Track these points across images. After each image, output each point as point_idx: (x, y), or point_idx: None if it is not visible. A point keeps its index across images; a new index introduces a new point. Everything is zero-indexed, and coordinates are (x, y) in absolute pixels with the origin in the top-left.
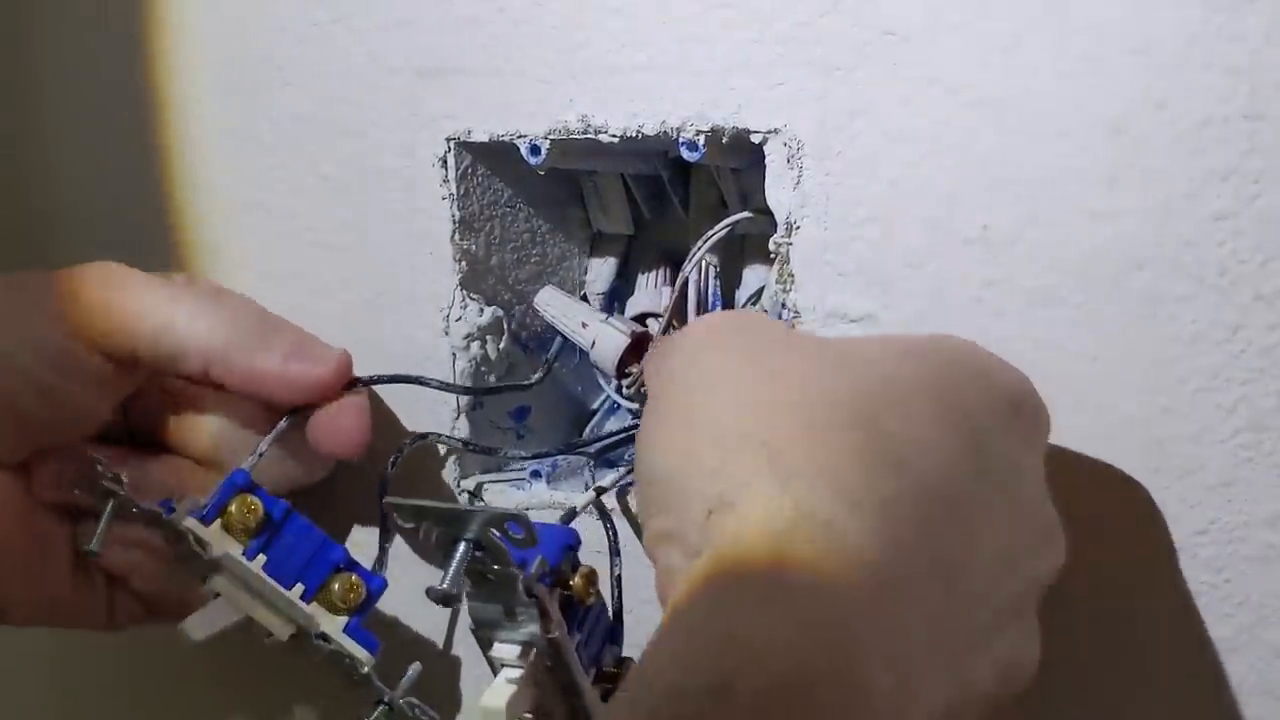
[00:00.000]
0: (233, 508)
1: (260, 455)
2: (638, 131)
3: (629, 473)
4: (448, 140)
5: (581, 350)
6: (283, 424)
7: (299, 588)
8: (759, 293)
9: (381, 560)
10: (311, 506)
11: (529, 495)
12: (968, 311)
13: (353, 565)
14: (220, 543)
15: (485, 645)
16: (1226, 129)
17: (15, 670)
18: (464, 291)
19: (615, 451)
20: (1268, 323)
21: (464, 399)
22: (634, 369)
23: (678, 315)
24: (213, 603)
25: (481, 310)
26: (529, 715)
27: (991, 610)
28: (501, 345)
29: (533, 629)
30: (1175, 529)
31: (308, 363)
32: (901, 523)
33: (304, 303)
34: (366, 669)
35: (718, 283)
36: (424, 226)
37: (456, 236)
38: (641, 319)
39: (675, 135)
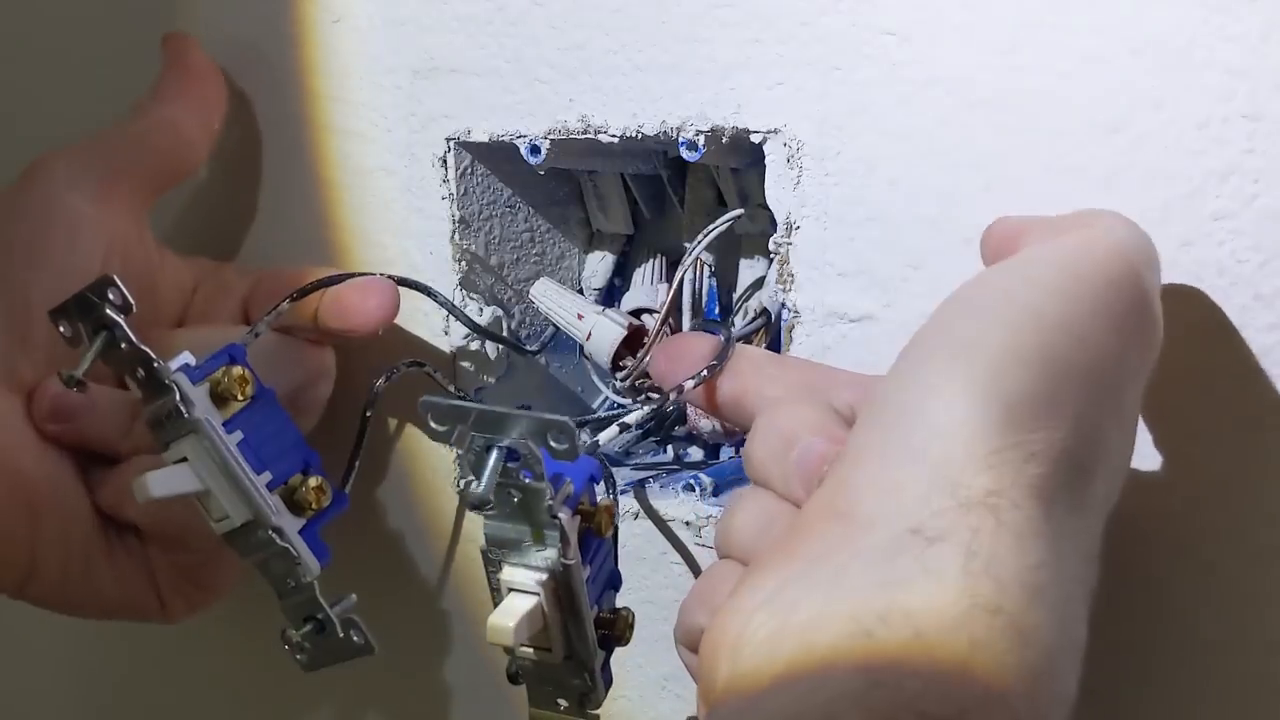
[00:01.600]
0: (223, 376)
1: (256, 334)
2: (637, 131)
3: (655, 411)
4: (447, 140)
5: (579, 347)
6: (284, 304)
7: (266, 475)
8: (757, 284)
9: (346, 480)
10: None
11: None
12: None
13: (322, 472)
14: (203, 406)
15: (495, 567)
16: (1226, 129)
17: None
18: (464, 291)
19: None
20: (1267, 322)
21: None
22: (628, 361)
23: (673, 311)
24: (175, 466)
25: (481, 309)
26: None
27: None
28: (501, 344)
29: (549, 554)
30: (1176, 528)
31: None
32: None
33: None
34: (310, 577)
35: (713, 280)
36: (423, 226)
37: (456, 236)
38: (637, 314)
39: (675, 135)
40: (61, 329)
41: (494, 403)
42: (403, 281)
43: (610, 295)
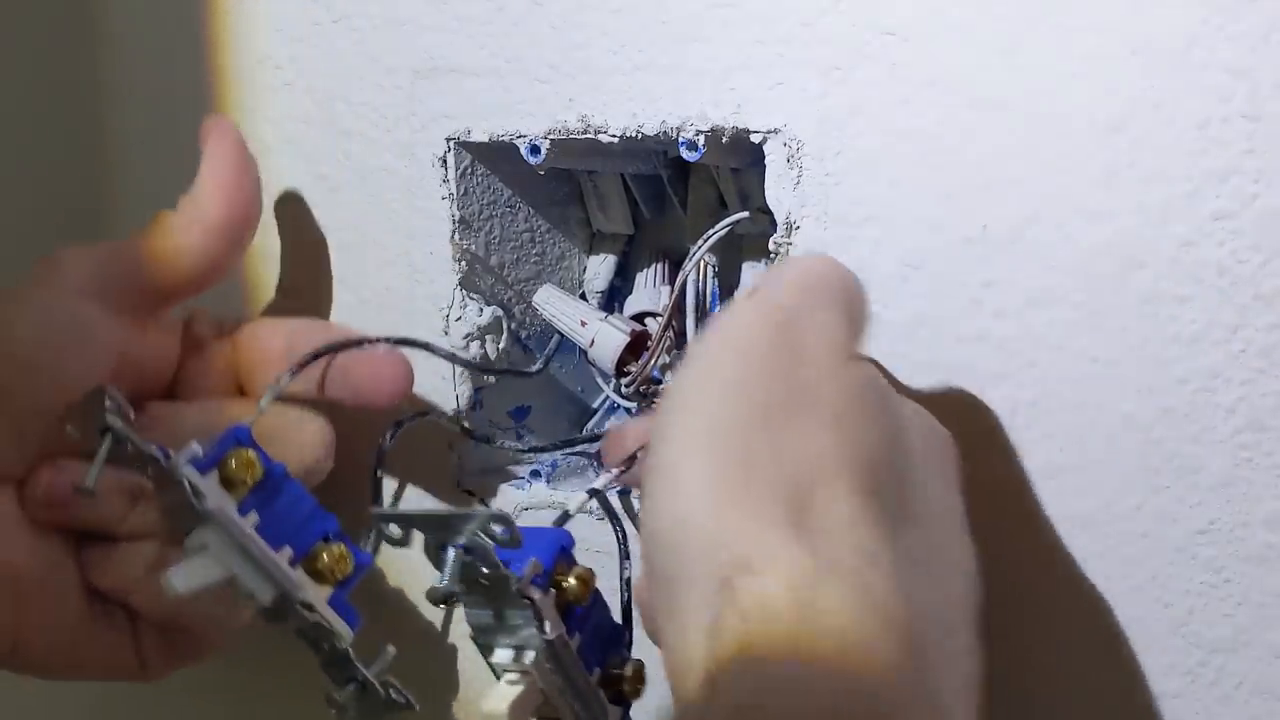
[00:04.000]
0: (231, 461)
1: (260, 411)
2: (637, 131)
3: (622, 474)
4: (447, 140)
5: (581, 349)
6: (285, 377)
7: (287, 551)
8: None
9: (370, 538)
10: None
11: (528, 495)
12: (967, 311)
13: (342, 537)
14: (215, 495)
15: (486, 652)
16: (1226, 129)
17: None
18: (464, 291)
19: None
20: (1267, 322)
21: (463, 398)
22: (632, 367)
23: (676, 315)
24: (197, 557)
25: (481, 310)
26: None
27: (968, 640)
28: (501, 345)
29: (530, 633)
30: (1175, 529)
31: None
32: (915, 579)
33: (303, 303)
34: (345, 644)
35: (716, 282)
36: (423, 226)
37: (456, 236)
38: (640, 318)
39: (675, 135)
40: (69, 430)
41: (494, 403)
42: (401, 341)
43: (612, 297)
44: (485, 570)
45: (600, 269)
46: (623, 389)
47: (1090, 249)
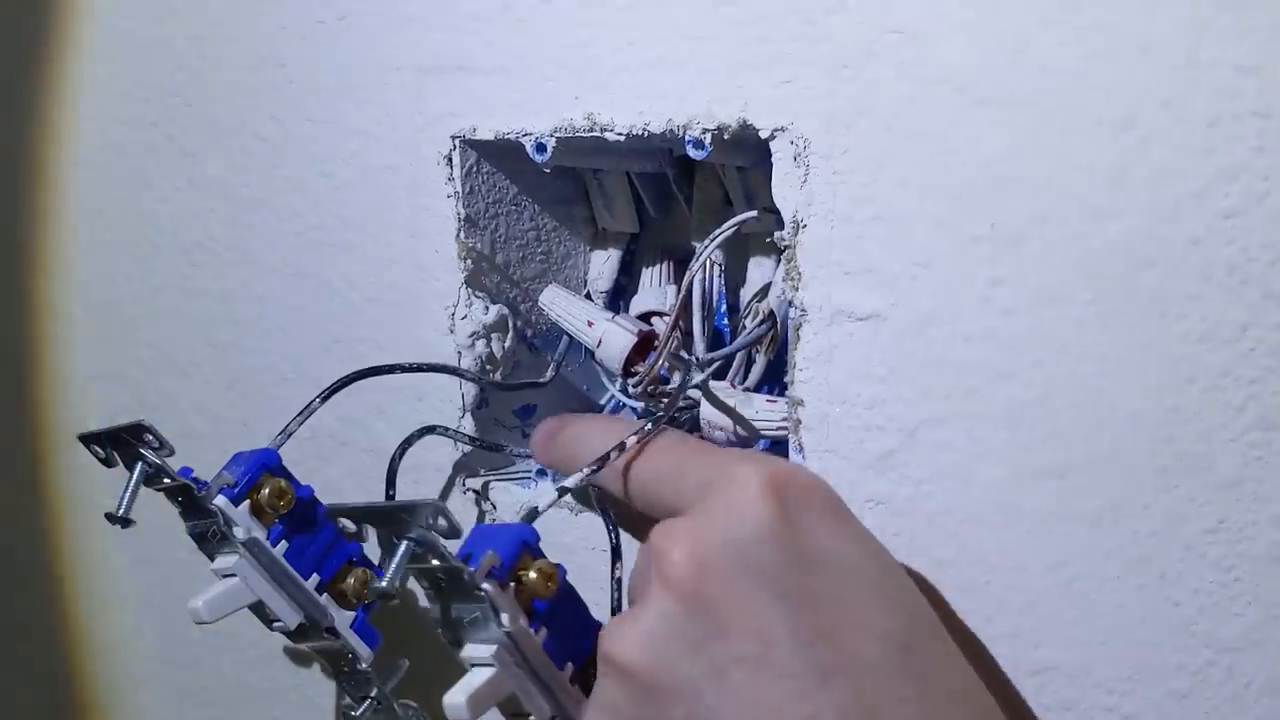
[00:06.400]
0: (264, 490)
1: (289, 434)
2: (644, 129)
3: (593, 472)
4: (453, 138)
5: (587, 348)
6: (315, 402)
7: (315, 578)
8: (764, 289)
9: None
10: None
11: (534, 494)
12: (975, 310)
13: (364, 560)
14: (246, 524)
15: (456, 647)
16: (1236, 127)
17: None
18: (469, 289)
19: None
20: (1277, 321)
21: (469, 397)
22: (639, 368)
23: (684, 314)
24: (226, 584)
25: (487, 308)
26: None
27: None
28: (507, 343)
29: (491, 626)
30: (1184, 528)
31: None
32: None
33: (308, 301)
34: (364, 664)
35: (722, 281)
36: (429, 224)
37: (461, 234)
38: (646, 317)
39: (681, 133)
40: (94, 451)
41: (500, 403)
42: (424, 368)
43: (616, 295)
44: (436, 563)
45: (604, 268)
46: (630, 389)
47: (1099, 247)
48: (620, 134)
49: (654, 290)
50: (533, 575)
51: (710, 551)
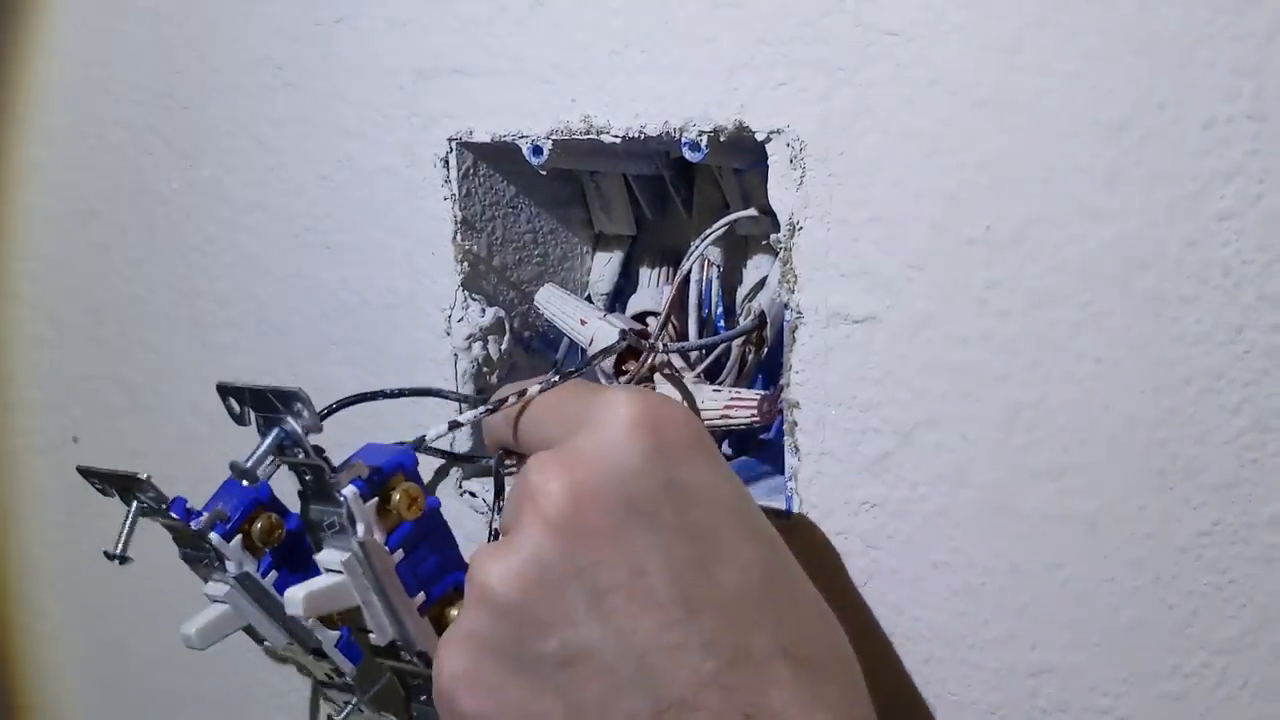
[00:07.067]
0: (257, 525)
1: (278, 466)
2: (640, 132)
3: (488, 413)
4: (449, 140)
5: (583, 348)
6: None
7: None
8: (757, 286)
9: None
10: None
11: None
12: (971, 312)
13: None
14: (238, 558)
15: (316, 548)
16: (1231, 129)
17: None
18: (466, 292)
19: None
20: (1272, 323)
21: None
22: (630, 365)
23: (677, 312)
24: (217, 610)
25: (483, 311)
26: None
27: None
28: (504, 346)
29: (349, 536)
30: (1179, 530)
31: None
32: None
33: (304, 303)
34: (348, 678)
35: (719, 281)
36: (425, 227)
37: (458, 237)
38: (642, 317)
39: (678, 136)
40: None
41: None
42: (414, 392)
43: (616, 299)
44: (301, 455)
45: (605, 271)
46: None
47: (1094, 249)
48: (617, 136)
49: (650, 291)
50: (397, 496)
51: (585, 484)
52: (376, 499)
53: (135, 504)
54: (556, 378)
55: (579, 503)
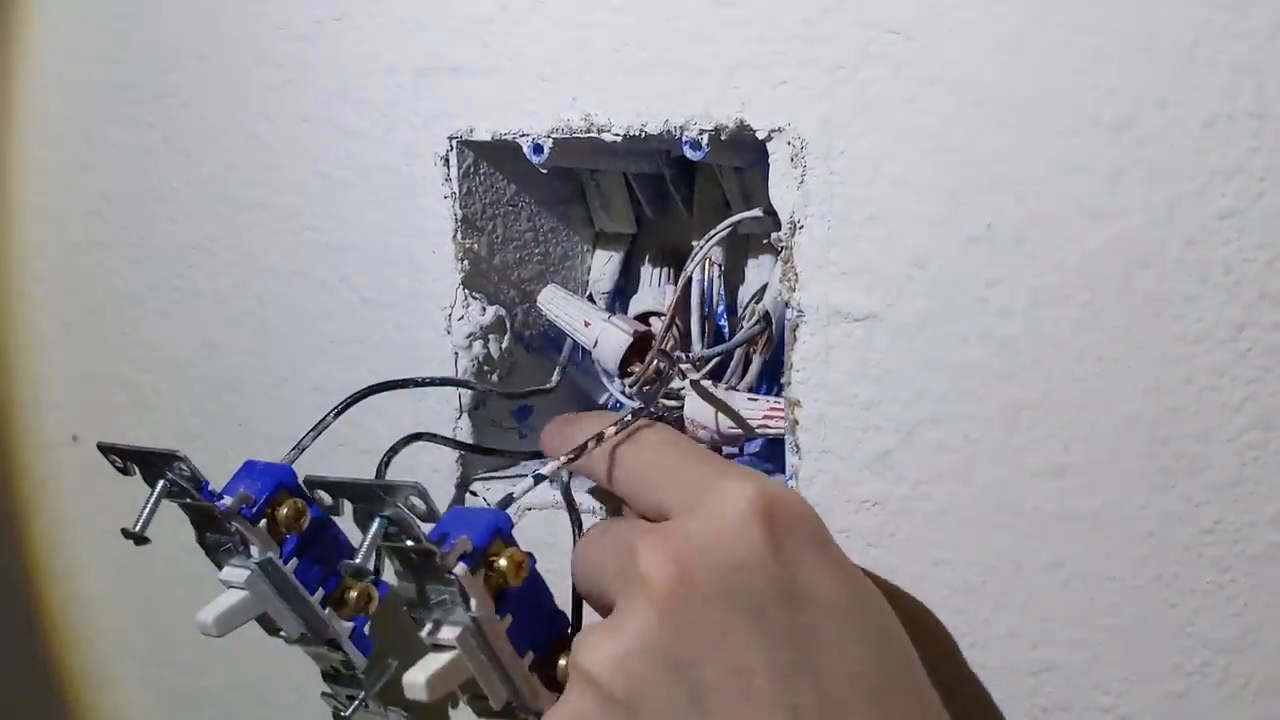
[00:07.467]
0: (283, 509)
1: (302, 449)
2: (641, 130)
3: (571, 460)
4: (450, 139)
5: (585, 349)
6: (329, 417)
7: (319, 592)
8: (761, 291)
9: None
10: None
11: (532, 495)
12: (972, 310)
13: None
14: (262, 542)
15: (419, 626)
16: (1232, 127)
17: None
18: (466, 291)
19: None
20: (1273, 321)
21: (465, 399)
22: (636, 367)
23: (680, 313)
24: (234, 597)
25: (484, 309)
26: (479, 700)
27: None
28: (504, 344)
29: (458, 609)
30: (1181, 528)
31: None
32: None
33: (305, 302)
34: (357, 670)
35: (722, 281)
36: (426, 225)
37: (459, 235)
38: (644, 318)
39: (678, 134)
40: (112, 460)
41: (498, 403)
42: (436, 382)
43: (616, 297)
44: (410, 543)
45: (605, 270)
46: (626, 388)
47: (1095, 248)
48: (617, 135)
49: (652, 291)
50: (503, 563)
51: (696, 572)
52: (483, 570)
53: (161, 483)
54: (629, 416)
55: (689, 591)
